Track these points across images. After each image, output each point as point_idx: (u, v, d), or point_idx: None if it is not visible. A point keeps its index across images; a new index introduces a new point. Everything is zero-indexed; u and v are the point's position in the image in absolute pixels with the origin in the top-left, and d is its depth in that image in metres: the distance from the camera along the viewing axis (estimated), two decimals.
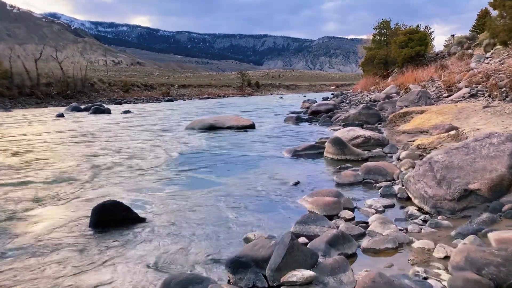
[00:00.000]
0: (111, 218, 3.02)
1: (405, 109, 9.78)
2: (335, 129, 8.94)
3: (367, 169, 4.29)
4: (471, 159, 3.20)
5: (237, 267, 2.09)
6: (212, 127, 9.95)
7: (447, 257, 2.19)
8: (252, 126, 10.25)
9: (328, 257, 2.20)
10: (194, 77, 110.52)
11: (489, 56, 14.54)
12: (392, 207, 3.32)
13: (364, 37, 39.42)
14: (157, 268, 2.33)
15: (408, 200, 3.45)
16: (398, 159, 5.18)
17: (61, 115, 18.43)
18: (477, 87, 10.76)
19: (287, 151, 6.17)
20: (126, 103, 40.38)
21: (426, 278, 1.99)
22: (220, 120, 10.45)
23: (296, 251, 2.03)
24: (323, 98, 27.40)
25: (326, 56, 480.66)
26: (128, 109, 22.47)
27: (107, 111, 20.93)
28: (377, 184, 4.00)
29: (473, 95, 10.19)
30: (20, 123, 15.05)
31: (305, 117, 12.67)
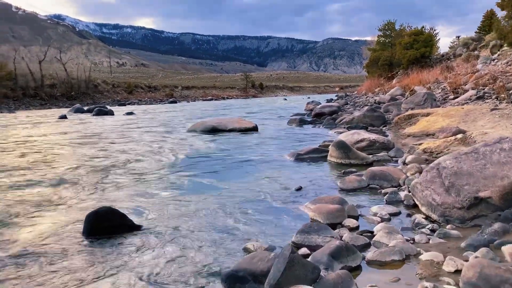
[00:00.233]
0: (105, 225, 2.90)
1: (410, 112, 9.63)
2: (339, 132, 8.80)
3: (372, 174, 4.15)
4: (481, 165, 3.06)
5: (234, 282, 1.97)
6: (214, 130, 9.84)
7: (457, 271, 2.05)
8: (255, 128, 10.13)
9: (331, 271, 2.07)
10: (198, 78, 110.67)
11: (496, 57, 14.34)
12: (398, 214, 3.18)
13: (368, 38, 39.30)
14: (149, 281, 2.20)
15: (414, 207, 3.32)
16: (403, 163, 5.04)
17: (64, 117, 18.39)
18: (484, 89, 10.58)
19: (290, 154, 6.04)
20: (129, 104, 40.41)
21: None
22: (222, 122, 10.34)
23: (296, 265, 1.91)
24: (327, 99, 27.24)
25: (330, 57, 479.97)
26: (131, 111, 22.43)
27: (110, 113, 20.89)
28: (382, 190, 3.86)
29: (480, 97, 10.01)
30: (22, 125, 15.02)
31: (309, 119, 12.53)
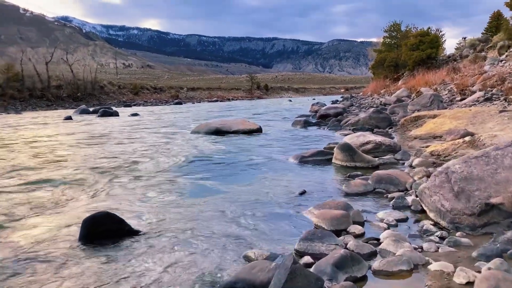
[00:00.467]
0: (103, 230, 2.82)
1: (417, 113, 9.48)
2: (344, 134, 8.68)
3: (378, 177, 4.04)
4: (492, 170, 2.94)
5: None
6: (218, 131, 9.75)
7: (469, 283, 1.94)
8: (259, 130, 10.04)
9: (335, 282, 1.96)
10: (203, 80, 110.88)
11: (504, 58, 14.14)
12: (405, 220, 3.07)
13: (374, 39, 39.05)
14: None
15: (422, 212, 3.20)
16: (410, 167, 4.92)
17: (69, 118, 18.41)
18: (492, 91, 10.41)
19: (294, 157, 5.94)
20: (135, 105, 40.50)
21: None
22: (226, 124, 10.25)
23: (298, 276, 1.81)
24: (332, 101, 27.08)
25: (335, 59, 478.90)
26: (136, 112, 22.43)
27: (114, 114, 20.90)
28: (388, 194, 3.74)
29: (487, 99, 9.86)
30: (26, 126, 15.03)
31: (314, 121, 12.42)
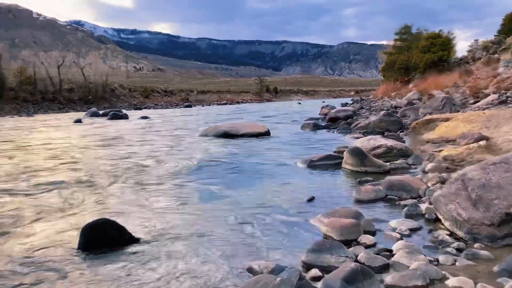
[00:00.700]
0: (102, 238, 2.72)
1: (428, 117, 9.26)
2: (354, 137, 8.51)
3: (389, 184, 3.88)
4: None
5: None
6: (226, 135, 9.65)
7: None
8: (267, 133, 9.91)
9: None
10: (213, 83, 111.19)
11: None
12: (419, 230, 2.91)
13: (384, 42, 38.64)
14: None
15: (437, 221, 3.04)
16: (423, 172, 4.75)
17: (79, 121, 18.52)
18: (507, 93, 10.16)
19: (302, 161, 5.79)
20: (145, 108, 40.70)
21: None
22: (234, 127, 10.14)
23: None
24: (342, 104, 26.84)
25: (345, 61, 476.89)
26: (145, 115, 22.48)
27: (124, 117, 20.98)
28: (401, 201, 3.59)
29: (502, 102, 9.60)
30: (36, 129, 15.12)
31: (323, 124, 12.23)
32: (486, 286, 1.90)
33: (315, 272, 2.19)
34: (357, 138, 8.01)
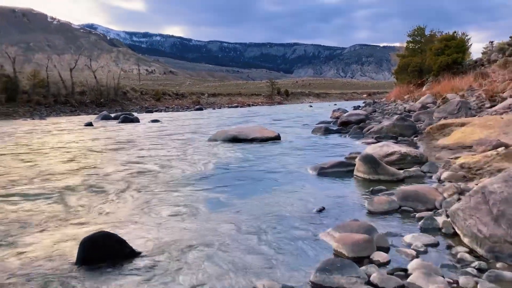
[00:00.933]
0: (102, 252, 2.60)
1: (443, 121, 9.00)
2: (366, 142, 8.31)
3: (404, 194, 3.70)
4: None
5: None
6: (235, 139, 9.53)
7: None
8: (277, 137, 9.77)
9: None
10: (224, 85, 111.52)
11: None
12: (436, 246, 2.73)
13: (397, 44, 38.12)
14: None
15: (454, 235, 2.86)
16: (439, 181, 4.56)
17: (90, 124, 18.60)
18: None
19: (313, 168, 5.63)
20: (157, 111, 40.89)
21: None
22: (243, 131, 10.02)
23: None
24: (354, 107, 26.53)
25: (357, 64, 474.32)
26: (156, 118, 22.50)
27: (135, 120, 21.03)
28: (416, 213, 3.41)
29: None
30: (49, 132, 15.22)
31: (334, 128, 12.03)
32: None
33: None
34: (370, 143, 7.82)
